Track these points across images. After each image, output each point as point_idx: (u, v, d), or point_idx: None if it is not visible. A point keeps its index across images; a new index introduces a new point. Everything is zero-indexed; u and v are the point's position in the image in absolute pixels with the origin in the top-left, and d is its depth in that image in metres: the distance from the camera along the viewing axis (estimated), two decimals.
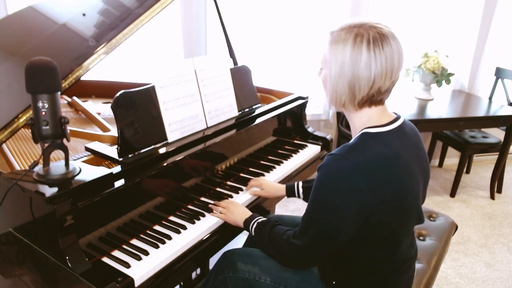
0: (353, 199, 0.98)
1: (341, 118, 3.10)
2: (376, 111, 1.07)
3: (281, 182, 1.68)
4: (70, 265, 1.02)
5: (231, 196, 1.49)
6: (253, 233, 1.24)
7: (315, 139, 2.01)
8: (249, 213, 1.31)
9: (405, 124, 1.11)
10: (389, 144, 1.03)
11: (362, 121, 1.08)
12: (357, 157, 0.99)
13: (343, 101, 1.04)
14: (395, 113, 1.13)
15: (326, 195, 1.01)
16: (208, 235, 1.30)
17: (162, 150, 1.35)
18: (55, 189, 1.05)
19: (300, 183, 1.50)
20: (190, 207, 1.41)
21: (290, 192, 1.51)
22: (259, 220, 1.25)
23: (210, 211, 1.38)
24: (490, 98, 3.32)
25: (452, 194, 3.14)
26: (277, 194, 1.52)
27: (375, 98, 1.04)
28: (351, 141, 1.06)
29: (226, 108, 1.64)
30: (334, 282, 1.18)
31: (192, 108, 1.49)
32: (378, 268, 1.12)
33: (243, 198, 1.49)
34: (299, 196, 1.49)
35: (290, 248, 1.10)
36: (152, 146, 1.36)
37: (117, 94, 1.29)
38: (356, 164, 0.97)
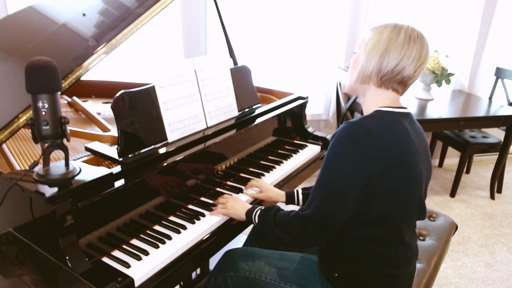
0: (362, 163, 1.04)
1: (341, 118, 3.10)
2: (392, 96, 1.15)
3: (281, 182, 1.69)
4: (70, 265, 1.02)
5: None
6: (256, 220, 1.26)
7: (315, 139, 2.01)
8: (249, 205, 1.33)
9: (413, 116, 1.19)
10: (400, 121, 1.10)
11: (378, 100, 1.15)
12: (371, 124, 1.06)
13: (370, 72, 1.12)
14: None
15: (337, 159, 1.07)
16: (208, 235, 1.30)
17: (162, 150, 1.35)
18: (55, 189, 1.05)
19: (300, 190, 1.49)
20: (190, 207, 1.41)
21: (290, 199, 1.49)
22: (262, 207, 1.27)
23: (210, 211, 1.38)
24: (490, 98, 3.32)
25: (452, 194, 3.14)
26: (276, 199, 1.50)
27: (395, 81, 1.11)
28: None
29: (226, 108, 1.64)
30: (336, 275, 1.19)
31: (192, 108, 1.49)
32: (378, 254, 1.14)
33: (244, 196, 1.49)
34: (298, 204, 1.48)
35: (297, 222, 1.12)
36: (152, 146, 1.36)
37: (117, 94, 1.29)
38: (368, 129, 1.05)
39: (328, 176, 1.09)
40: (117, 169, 1.21)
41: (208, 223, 1.32)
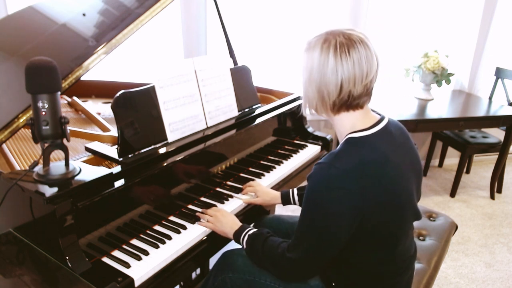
0: (345, 204, 0.98)
1: None
2: (357, 116, 1.07)
3: (281, 182, 1.69)
4: (70, 265, 1.02)
5: (231, 196, 1.49)
6: (244, 246, 1.21)
7: (315, 139, 2.01)
8: (239, 224, 1.27)
9: (390, 124, 1.11)
10: (376, 147, 1.02)
11: (345, 126, 1.08)
12: (345, 164, 0.99)
13: (314, 106, 1.06)
14: (379, 114, 1.12)
15: (317, 204, 1.01)
16: (208, 235, 1.30)
17: (162, 150, 1.35)
18: (55, 189, 1.05)
19: (295, 191, 1.48)
20: (190, 207, 1.41)
21: (285, 200, 1.48)
22: (250, 232, 1.22)
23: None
24: (490, 98, 3.32)
25: (452, 194, 3.14)
26: (272, 202, 1.49)
27: (350, 103, 1.03)
28: (337, 148, 1.05)
29: (226, 108, 1.64)
30: (333, 284, 1.18)
31: (192, 108, 1.49)
32: (377, 268, 1.12)
33: (238, 202, 1.46)
34: (294, 203, 1.47)
35: (285, 261, 1.09)
36: (152, 146, 1.36)
37: (117, 94, 1.29)
38: (344, 170, 0.98)
39: (312, 223, 1.02)
40: (117, 169, 1.21)
41: None
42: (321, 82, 1.00)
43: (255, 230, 1.23)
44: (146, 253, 1.15)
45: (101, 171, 1.16)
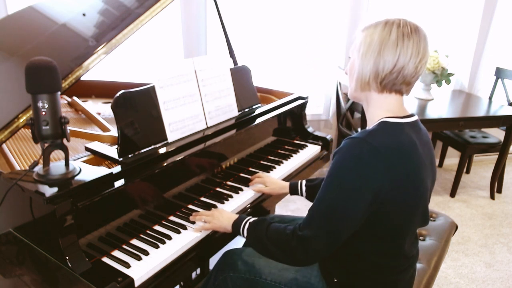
0: (369, 182, 0.99)
1: (341, 118, 3.10)
2: (396, 101, 1.10)
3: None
4: (70, 265, 1.02)
5: (231, 196, 1.49)
6: (245, 234, 1.19)
7: (315, 139, 2.01)
8: (236, 216, 1.26)
9: (419, 122, 1.15)
10: (407, 134, 1.06)
11: (381, 108, 1.10)
12: (377, 141, 1.01)
13: (367, 78, 1.07)
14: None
15: (343, 178, 1.02)
16: (208, 234, 1.30)
17: (162, 150, 1.35)
18: (55, 189, 1.05)
19: (304, 182, 1.51)
20: (190, 207, 1.41)
21: (293, 190, 1.52)
22: (251, 220, 1.20)
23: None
24: (490, 98, 3.32)
25: (452, 194, 3.14)
26: (281, 191, 1.53)
27: (397, 82, 1.05)
28: (370, 128, 1.08)
29: (226, 108, 1.64)
30: (335, 280, 1.18)
31: (192, 108, 1.49)
32: (379, 265, 1.13)
33: (244, 196, 1.49)
34: (301, 194, 1.50)
35: (296, 241, 1.06)
36: (152, 146, 1.36)
37: (117, 94, 1.29)
38: (375, 147, 0.99)
39: (333, 196, 1.03)
40: (117, 169, 1.21)
41: None
42: (380, 54, 1.03)
43: (256, 218, 1.22)
44: (146, 253, 1.15)
45: (101, 171, 1.16)
